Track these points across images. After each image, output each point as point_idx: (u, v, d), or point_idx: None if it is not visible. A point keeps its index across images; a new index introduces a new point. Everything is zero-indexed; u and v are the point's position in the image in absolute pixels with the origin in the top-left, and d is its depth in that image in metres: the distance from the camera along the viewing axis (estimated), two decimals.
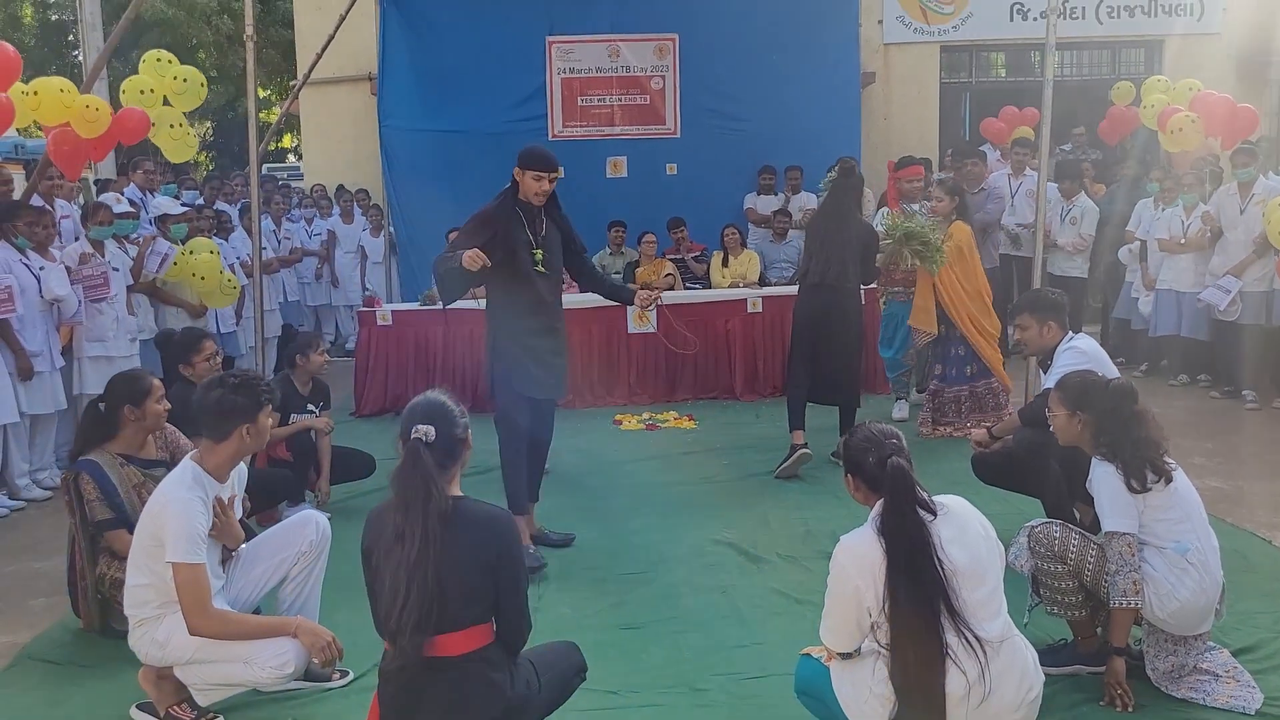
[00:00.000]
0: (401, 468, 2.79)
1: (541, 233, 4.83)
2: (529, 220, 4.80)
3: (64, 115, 6.04)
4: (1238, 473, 6.03)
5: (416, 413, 2.86)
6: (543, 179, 4.74)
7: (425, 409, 2.87)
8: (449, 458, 2.86)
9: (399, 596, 2.69)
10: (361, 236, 11.27)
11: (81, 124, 6.12)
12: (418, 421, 2.81)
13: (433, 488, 2.75)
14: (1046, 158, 7.11)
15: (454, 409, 2.92)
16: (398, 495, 2.77)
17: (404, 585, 2.69)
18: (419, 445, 2.78)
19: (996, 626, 2.73)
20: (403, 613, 2.69)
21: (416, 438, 2.78)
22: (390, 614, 2.70)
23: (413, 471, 2.76)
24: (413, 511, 2.72)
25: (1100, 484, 3.42)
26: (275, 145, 24.06)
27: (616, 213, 10.13)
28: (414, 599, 2.68)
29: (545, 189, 4.76)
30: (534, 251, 4.77)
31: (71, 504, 3.97)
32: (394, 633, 2.70)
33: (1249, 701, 3.33)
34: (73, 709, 3.55)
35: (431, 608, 2.69)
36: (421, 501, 2.73)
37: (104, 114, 6.24)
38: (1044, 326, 4.53)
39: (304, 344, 5.67)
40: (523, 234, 4.76)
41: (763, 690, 3.55)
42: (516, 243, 4.73)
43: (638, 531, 5.27)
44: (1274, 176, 7.85)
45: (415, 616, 2.69)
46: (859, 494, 2.95)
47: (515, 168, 4.77)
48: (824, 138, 10.45)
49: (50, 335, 6.10)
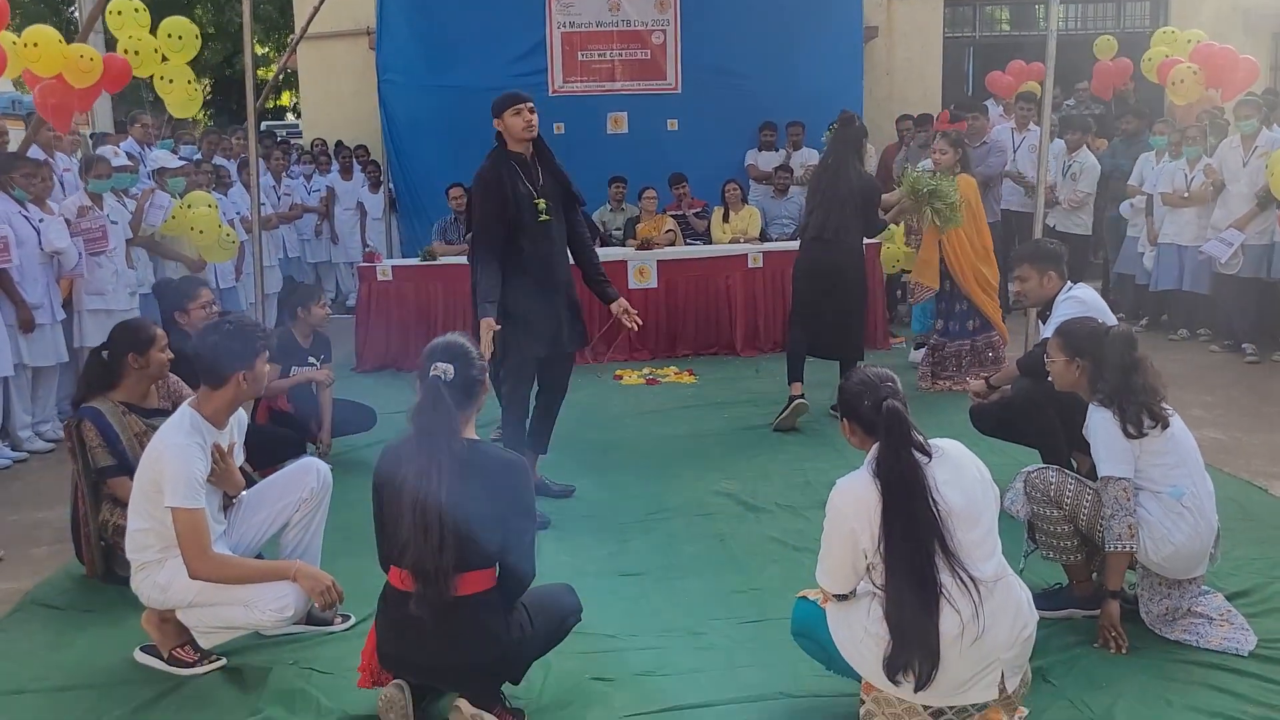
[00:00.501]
0: (421, 405, 2.82)
1: (539, 182, 4.78)
2: (525, 172, 4.75)
3: (59, 65, 5.99)
4: (1236, 424, 6.04)
5: (436, 352, 2.89)
6: (522, 110, 4.68)
7: (445, 348, 2.90)
8: (466, 397, 2.88)
9: (432, 537, 2.71)
10: (360, 193, 11.23)
11: (75, 74, 6.08)
12: (438, 360, 2.84)
13: (453, 426, 2.78)
14: (1049, 111, 7.06)
15: (472, 351, 2.95)
16: (419, 431, 2.79)
17: (436, 527, 2.71)
18: (438, 383, 2.79)
19: (991, 567, 2.75)
20: (440, 554, 2.71)
21: (435, 375, 2.80)
22: (422, 557, 2.73)
23: (434, 409, 2.79)
24: (437, 452, 2.75)
25: (1097, 430, 3.43)
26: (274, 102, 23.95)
27: (617, 169, 10.07)
28: (449, 540, 2.71)
29: (530, 119, 4.70)
30: (536, 202, 4.73)
31: (74, 451, 3.99)
32: (429, 575, 2.72)
33: (1242, 644, 3.35)
34: (76, 652, 3.59)
35: (460, 549, 2.72)
36: (446, 438, 2.76)
37: (97, 63, 6.20)
38: (1044, 277, 4.52)
39: (305, 296, 5.67)
40: (522, 186, 4.72)
41: (760, 634, 3.58)
42: (518, 197, 4.69)
43: (637, 483, 5.30)
44: (1277, 129, 7.79)
45: (453, 556, 2.72)
46: (855, 438, 2.96)
47: (495, 120, 4.73)
48: (826, 93, 10.37)
49: (51, 288, 6.10)
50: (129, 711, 3.17)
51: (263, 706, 3.17)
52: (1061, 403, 4.12)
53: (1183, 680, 3.19)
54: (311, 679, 3.33)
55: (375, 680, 3.00)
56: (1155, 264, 8.52)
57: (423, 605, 2.75)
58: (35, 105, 6.30)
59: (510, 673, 2.98)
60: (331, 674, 3.35)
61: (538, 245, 4.76)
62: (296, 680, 3.32)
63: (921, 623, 2.66)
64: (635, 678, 3.31)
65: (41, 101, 6.20)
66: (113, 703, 3.22)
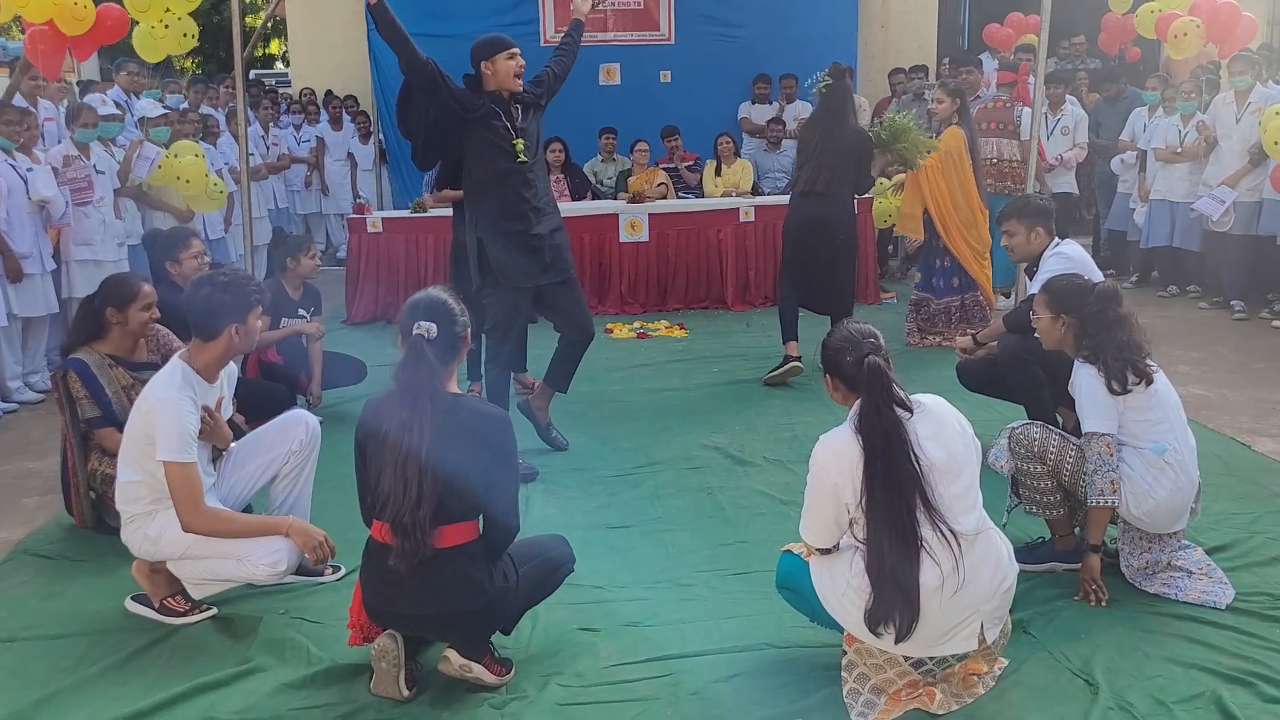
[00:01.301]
0: (404, 364, 2.83)
1: (518, 123, 4.69)
2: (504, 111, 4.65)
3: (50, 12, 5.91)
4: (1222, 381, 6.08)
5: (418, 309, 2.89)
6: (516, 54, 4.63)
7: (426, 306, 2.90)
8: (449, 354, 2.90)
9: (410, 492, 2.74)
10: (351, 143, 11.14)
11: (67, 21, 5.99)
12: (420, 318, 2.84)
13: (436, 383, 2.80)
14: (1044, 65, 7.02)
15: (454, 306, 2.96)
16: (402, 390, 2.81)
17: (415, 482, 2.74)
18: (421, 342, 2.80)
19: (971, 520, 2.78)
20: (418, 508, 2.74)
21: (419, 334, 2.81)
22: (401, 511, 2.75)
23: (416, 368, 2.80)
24: (419, 407, 2.77)
25: (1081, 385, 3.46)
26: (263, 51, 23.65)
27: (609, 120, 10.00)
28: (428, 495, 2.74)
29: (522, 65, 4.65)
30: (514, 143, 4.65)
31: (61, 401, 3.99)
32: (408, 529, 2.75)
33: (1220, 597, 3.40)
34: (67, 601, 3.62)
35: (441, 502, 2.75)
36: (427, 397, 2.78)
37: (89, 11, 6.10)
38: (1031, 232, 4.52)
39: (294, 247, 5.64)
40: (499, 123, 4.63)
41: (745, 586, 3.62)
42: (495, 135, 4.62)
43: (626, 436, 5.33)
44: (1273, 85, 7.75)
45: (430, 510, 2.74)
46: (838, 394, 2.97)
47: (482, 62, 4.60)
48: (820, 46, 10.28)
49: (40, 237, 6.06)
50: (121, 659, 3.21)
51: (253, 655, 3.21)
52: (1047, 359, 4.15)
53: (1161, 632, 3.24)
54: (302, 628, 3.37)
55: (366, 637, 3.03)
56: (1147, 220, 8.49)
57: (401, 559, 2.78)
58: (25, 50, 6.22)
59: (498, 623, 3.01)
60: (321, 623, 3.38)
61: (516, 185, 4.67)
62: (287, 630, 3.36)
63: (901, 575, 2.70)
64: (622, 628, 3.35)
65: (31, 47, 6.12)
66: (104, 650, 3.26)
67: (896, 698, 2.84)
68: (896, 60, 11.09)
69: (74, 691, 3.05)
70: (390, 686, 2.93)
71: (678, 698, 2.96)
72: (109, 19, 6.41)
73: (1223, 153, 7.74)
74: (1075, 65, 10.43)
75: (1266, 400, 5.70)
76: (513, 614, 3.05)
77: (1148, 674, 3.01)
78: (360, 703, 2.95)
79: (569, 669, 3.11)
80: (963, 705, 2.86)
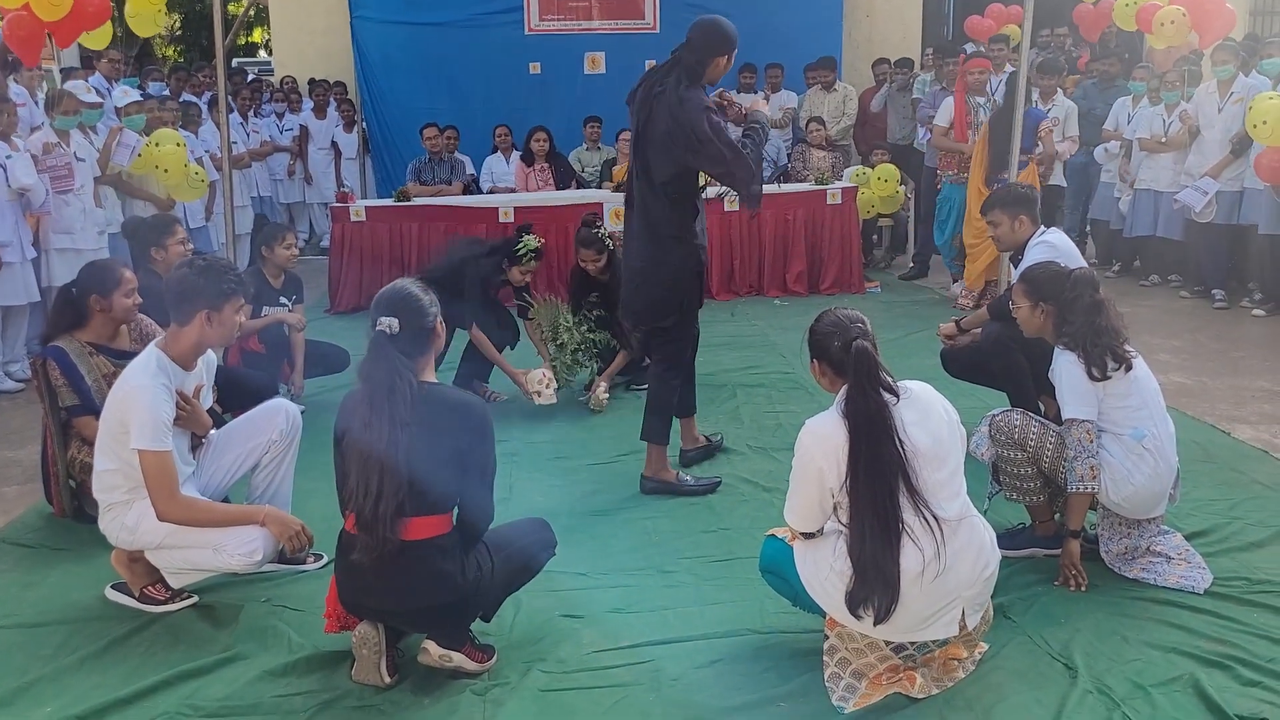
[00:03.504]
0: (366, 360, 2.83)
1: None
2: None
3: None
4: (1202, 369, 6.12)
5: (381, 305, 2.87)
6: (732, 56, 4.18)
7: (389, 301, 2.87)
8: (416, 347, 2.88)
9: (370, 487, 2.74)
10: (335, 132, 11.07)
11: (43, 6, 5.94)
12: (381, 314, 2.83)
13: (396, 380, 2.78)
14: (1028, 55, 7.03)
15: (422, 299, 2.92)
16: (364, 387, 2.81)
17: (375, 478, 2.73)
18: (382, 337, 2.79)
19: (955, 506, 2.79)
20: (378, 504, 2.73)
21: (380, 330, 2.80)
22: (363, 507, 2.75)
23: (375, 364, 2.80)
24: (377, 403, 2.77)
25: (1062, 372, 3.47)
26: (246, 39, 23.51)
27: (594, 109, 9.96)
28: (387, 490, 2.73)
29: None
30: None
31: (40, 389, 3.96)
32: (369, 524, 2.75)
33: (1198, 582, 3.43)
34: (48, 589, 3.60)
35: (405, 497, 2.74)
36: (386, 393, 2.76)
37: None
38: (1015, 221, 4.54)
39: (269, 236, 5.61)
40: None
41: (728, 572, 3.63)
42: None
43: (610, 424, 5.33)
44: (1256, 75, 7.78)
45: (391, 507, 2.74)
46: (825, 379, 2.98)
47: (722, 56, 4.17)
48: (806, 35, 10.32)
49: (20, 225, 6.01)
50: (101, 647, 3.19)
51: (234, 643, 3.20)
52: (1030, 347, 4.16)
53: (1139, 617, 3.27)
54: (283, 616, 3.36)
55: (342, 625, 3.03)
56: (1131, 210, 8.52)
57: (364, 553, 2.77)
58: (4, 36, 6.16)
59: (474, 614, 3.01)
60: (303, 611, 3.37)
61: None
62: (269, 618, 3.35)
63: (882, 558, 2.71)
64: (605, 615, 3.35)
65: (10, 33, 6.07)
66: (84, 639, 3.24)
67: (877, 682, 2.86)
68: (882, 50, 11.08)
69: (53, 680, 3.03)
70: (372, 673, 2.93)
71: (660, 684, 2.97)
72: (89, 6, 6.35)
73: (1205, 142, 7.77)
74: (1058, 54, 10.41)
75: (1245, 388, 5.73)
76: (491, 602, 3.05)
77: (1126, 658, 3.03)
78: (342, 690, 2.95)
79: (551, 655, 3.11)
80: (943, 689, 2.87)
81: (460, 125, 9.61)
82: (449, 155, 9.34)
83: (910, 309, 7.85)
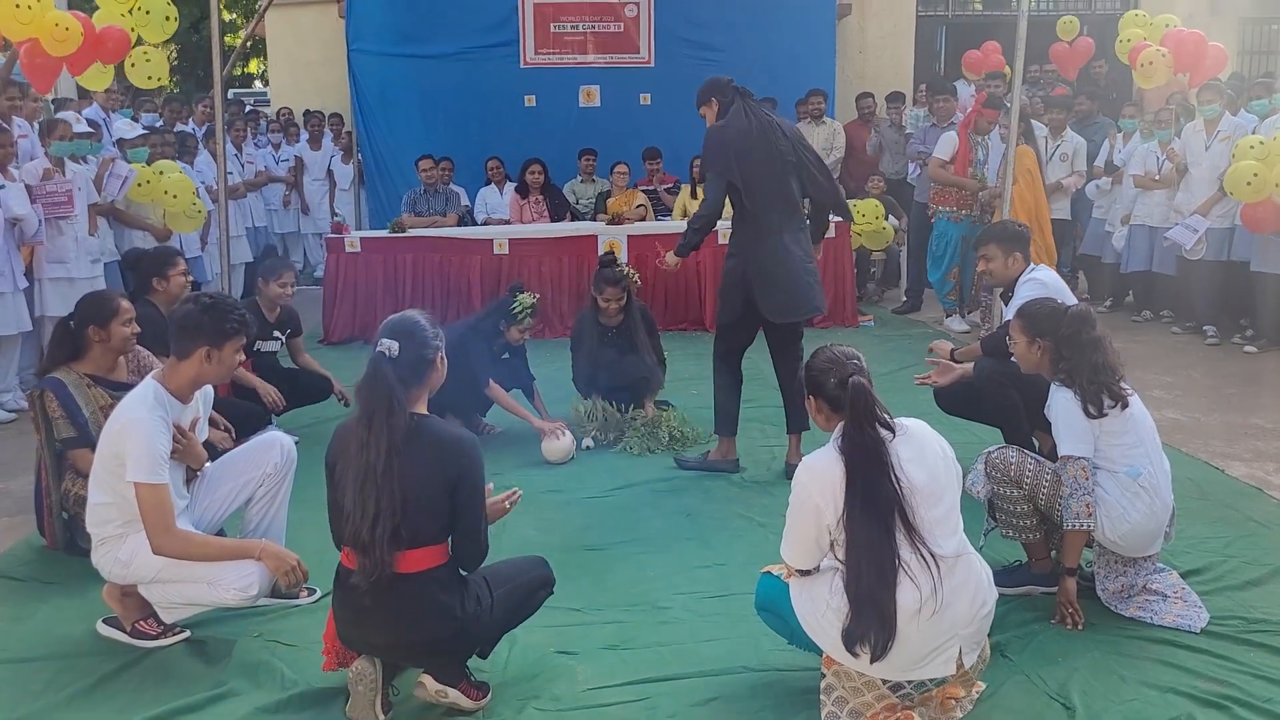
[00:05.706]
0: (364, 380, 2.83)
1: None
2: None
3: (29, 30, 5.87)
4: (1195, 405, 6.14)
5: (386, 328, 2.91)
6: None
7: (395, 326, 2.92)
8: (413, 375, 2.89)
9: (368, 509, 2.73)
10: (331, 162, 11.11)
11: (51, 43, 5.97)
12: (385, 336, 2.85)
13: (394, 402, 2.79)
14: (1019, 93, 7.10)
15: (426, 330, 2.95)
16: (361, 406, 2.81)
17: (373, 498, 2.73)
18: (381, 359, 2.81)
19: (952, 544, 2.79)
20: (375, 526, 2.72)
21: (380, 351, 2.81)
22: (360, 529, 2.74)
23: (374, 384, 2.81)
24: (376, 423, 2.77)
25: (1058, 409, 3.48)
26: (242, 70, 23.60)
27: (589, 143, 10.02)
28: (385, 512, 2.72)
29: None
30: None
31: (37, 421, 3.94)
32: (366, 546, 2.74)
33: (1195, 621, 3.42)
34: (38, 624, 3.56)
35: (401, 523, 2.73)
36: (384, 414, 2.77)
37: (74, 33, 6.05)
38: (1009, 257, 4.57)
39: (266, 270, 5.62)
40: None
41: (724, 608, 3.61)
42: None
43: (603, 457, 5.32)
44: (1244, 114, 7.87)
45: (389, 529, 2.72)
46: (820, 416, 2.98)
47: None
48: (799, 70, 10.38)
49: (12, 255, 6.00)
50: (91, 684, 3.16)
51: (227, 679, 3.17)
52: (1024, 383, 4.17)
53: (1136, 656, 3.26)
54: (276, 651, 3.33)
55: (340, 661, 3.00)
56: (1126, 245, 8.56)
57: (361, 577, 2.75)
58: (20, 66, 6.19)
59: (473, 647, 2.99)
60: (296, 646, 3.34)
61: None
62: (261, 653, 3.32)
63: (879, 595, 2.70)
64: (600, 651, 3.33)
65: (28, 61, 6.10)
66: (75, 675, 3.21)
67: None
68: (874, 85, 11.18)
69: (42, 716, 3.00)
70: (366, 710, 2.90)
71: None
72: (110, 40, 6.38)
73: (1192, 179, 7.84)
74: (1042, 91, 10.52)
75: (1239, 425, 5.75)
76: (489, 638, 3.02)
77: (1123, 697, 3.02)
78: None
79: (546, 692, 3.09)
80: None
81: (455, 157, 9.66)
82: (444, 187, 9.37)
83: (903, 343, 7.85)
